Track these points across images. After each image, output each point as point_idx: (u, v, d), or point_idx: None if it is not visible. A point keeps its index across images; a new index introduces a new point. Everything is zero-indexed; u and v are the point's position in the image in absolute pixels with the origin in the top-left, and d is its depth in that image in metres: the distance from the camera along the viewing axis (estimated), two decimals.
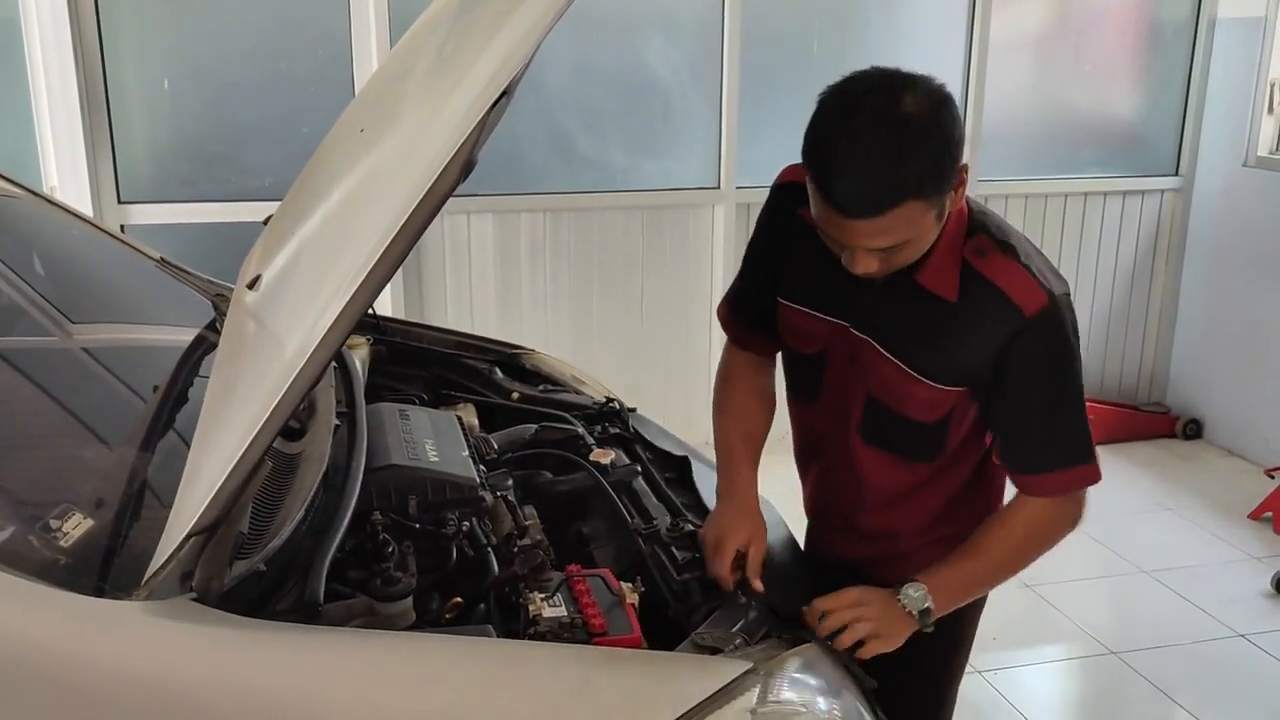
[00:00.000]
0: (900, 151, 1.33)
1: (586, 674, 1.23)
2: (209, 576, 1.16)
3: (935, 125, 1.34)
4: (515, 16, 1.18)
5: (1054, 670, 3.11)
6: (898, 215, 1.34)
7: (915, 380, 1.52)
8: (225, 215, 3.66)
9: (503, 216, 4.01)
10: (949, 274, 1.47)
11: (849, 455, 1.66)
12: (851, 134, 1.35)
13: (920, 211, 1.36)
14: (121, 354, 1.99)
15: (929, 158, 1.34)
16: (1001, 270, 1.46)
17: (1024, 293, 1.44)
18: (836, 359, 1.62)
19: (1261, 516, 3.86)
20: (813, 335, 1.63)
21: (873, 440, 1.62)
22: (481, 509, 1.61)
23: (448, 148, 1.12)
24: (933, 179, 1.35)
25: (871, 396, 1.59)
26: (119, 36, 3.56)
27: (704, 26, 4.03)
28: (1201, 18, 4.48)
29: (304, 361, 1.16)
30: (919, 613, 1.48)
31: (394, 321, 2.41)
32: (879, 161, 1.33)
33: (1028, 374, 1.47)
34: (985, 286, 1.46)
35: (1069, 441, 1.53)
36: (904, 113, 1.34)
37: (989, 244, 1.47)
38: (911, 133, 1.33)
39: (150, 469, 1.49)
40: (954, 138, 1.36)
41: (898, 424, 1.58)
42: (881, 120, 1.34)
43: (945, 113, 1.36)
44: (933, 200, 1.36)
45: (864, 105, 1.36)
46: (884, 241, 1.38)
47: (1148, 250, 4.72)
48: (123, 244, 2.27)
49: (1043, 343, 1.46)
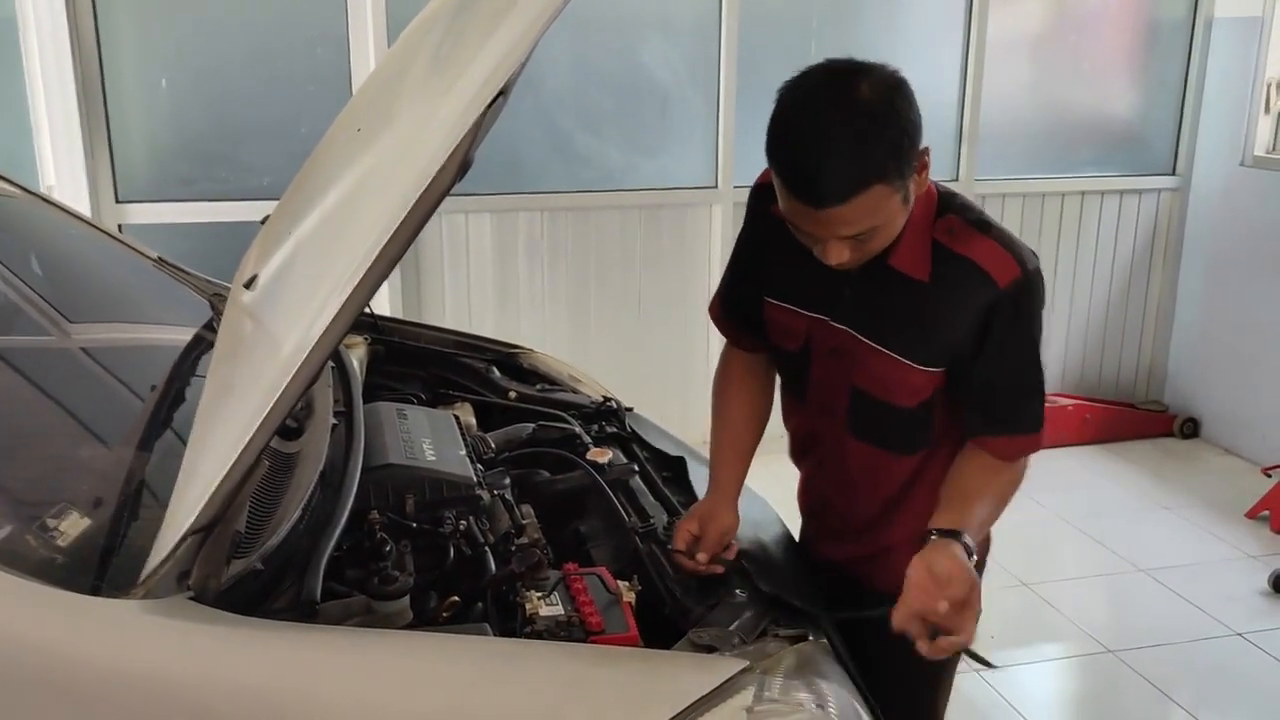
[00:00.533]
0: (860, 138, 1.34)
1: (583, 672, 1.23)
2: (206, 575, 1.16)
3: (892, 110, 1.36)
4: (512, 16, 1.18)
5: (1052, 669, 3.11)
6: (864, 201, 1.36)
7: (898, 363, 1.54)
8: (223, 215, 3.67)
9: (500, 216, 4.01)
10: (921, 255, 1.49)
11: (838, 451, 1.67)
12: (811, 125, 1.37)
13: (886, 196, 1.37)
14: (119, 353, 1.99)
15: (889, 142, 1.36)
16: (973, 245, 1.48)
17: (996, 264, 1.47)
18: (819, 354, 1.63)
19: (1258, 515, 3.87)
20: (794, 331, 1.64)
21: (861, 434, 1.63)
22: (479, 508, 1.62)
23: (444, 147, 1.12)
24: (895, 163, 1.36)
25: (856, 389, 1.60)
26: (117, 35, 3.56)
27: (702, 26, 4.03)
28: (1198, 17, 4.49)
29: (301, 361, 1.16)
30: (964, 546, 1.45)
31: (391, 321, 2.41)
32: (840, 149, 1.34)
33: (1000, 341, 1.50)
34: (958, 262, 1.48)
35: (1031, 408, 1.57)
36: (861, 100, 1.36)
37: (958, 223, 1.49)
38: (870, 119, 1.35)
39: (147, 468, 1.49)
40: (911, 121, 1.38)
41: (883, 414, 1.59)
42: (839, 108, 1.36)
43: (901, 98, 1.38)
44: (897, 184, 1.38)
45: (821, 96, 1.38)
46: (853, 229, 1.40)
47: (1145, 249, 4.73)
48: (120, 243, 2.27)
49: (1016, 312, 1.49)
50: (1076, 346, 4.76)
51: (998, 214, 4.45)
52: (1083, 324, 4.74)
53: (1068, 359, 4.76)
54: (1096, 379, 4.82)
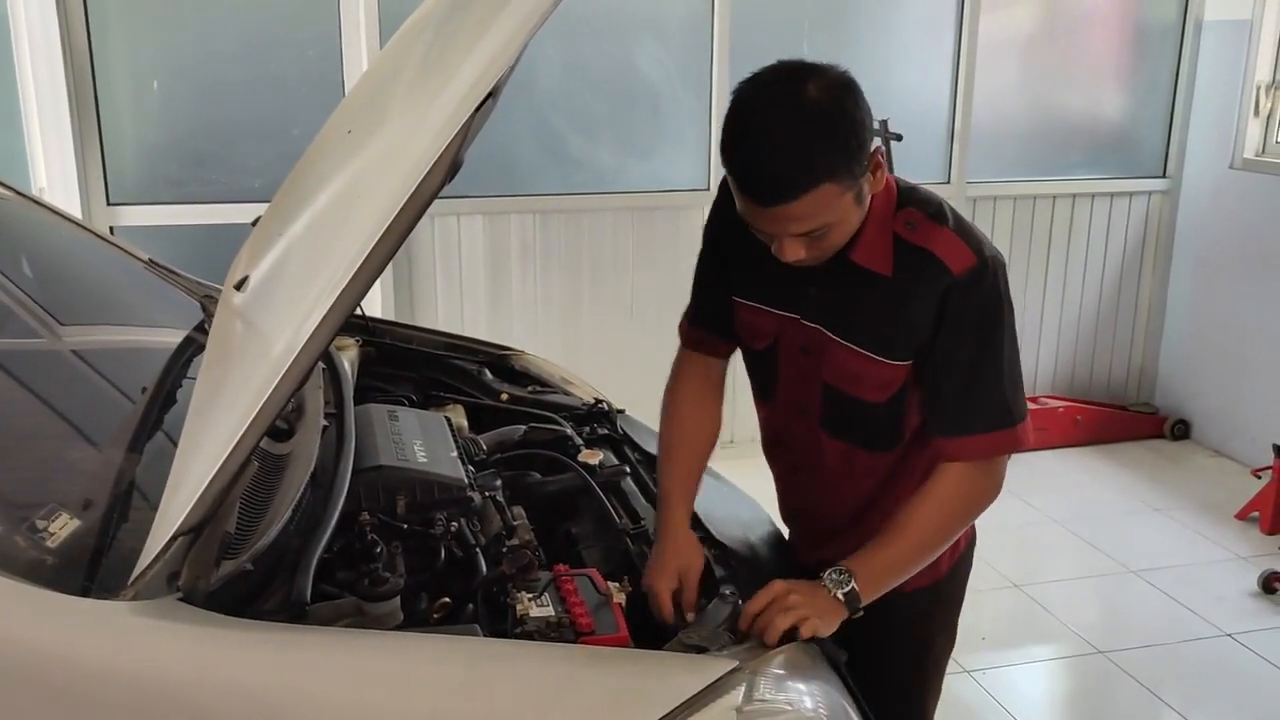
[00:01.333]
0: (808, 137, 1.36)
1: (573, 673, 1.24)
2: (196, 576, 1.16)
3: (840, 110, 1.38)
4: (501, 18, 1.19)
5: (1043, 670, 3.12)
6: (813, 199, 1.38)
7: (866, 359, 1.54)
8: (215, 217, 3.66)
9: (493, 218, 4.01)
10: (882, 249, 1.50)
11: (815, 451, 1.67)
12: (760, 125, 1.39)
13: (836, 194, 1.39)
14: (110, 355, 1.98)
15: (837, 141, 1.37)
16: (931, 236, 1.49)
17: (952, 253, 1.47)
18: (789, 352, 1.63)
19: (1248, 516, 3.89)
20: (763, 331, 1.65)
21: (836, 432, 1.63)
22: (470, 509, 1.62)
23: (434, 149, 1.12)
24: (844, 162, 1.38)
25: (827, 386, 1.60)
26: (108, 37, 3.56)
27: (693, 28, 4.04)
28: (1188, 20, 4.51)
29: (290, 362, 1.16)
30: (844, 596, 1.46)
31: (383, 323, 2.41)
32: (789, 148, 1.37)
33: (955, 331, 1.49)
34: (917, 254, 1.49)
35: (992, 405, 1.52)
36: (809, 100, 1.37)
37: (918, 216, 1.50)
38: (818, 118, 1.37)
39: (138, 470, 1.49)
40: (860, 121, 1.39)
41: (856, 410, 1.59)
42: (788, 108, 1.38)
43: (850, 99, 1.40)
44: (847, 183, 1.40)
45: (770, 96, 1.40)
46: (804, 226, 1.41)
47: (1135, 251, 4.74)
48: (111, 245, 2.27)
49: (970, 300, 1.48)
50: (1067, 348, 4.78)
51: (989, 216, 4.51)
52: (1073, 326, 4.76)
53: (1059, 360, 4.78)
54: (1087, 381, 4.84)
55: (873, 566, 1.49)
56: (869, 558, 1.50)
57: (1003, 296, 1.51)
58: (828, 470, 1.67)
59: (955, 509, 1.54)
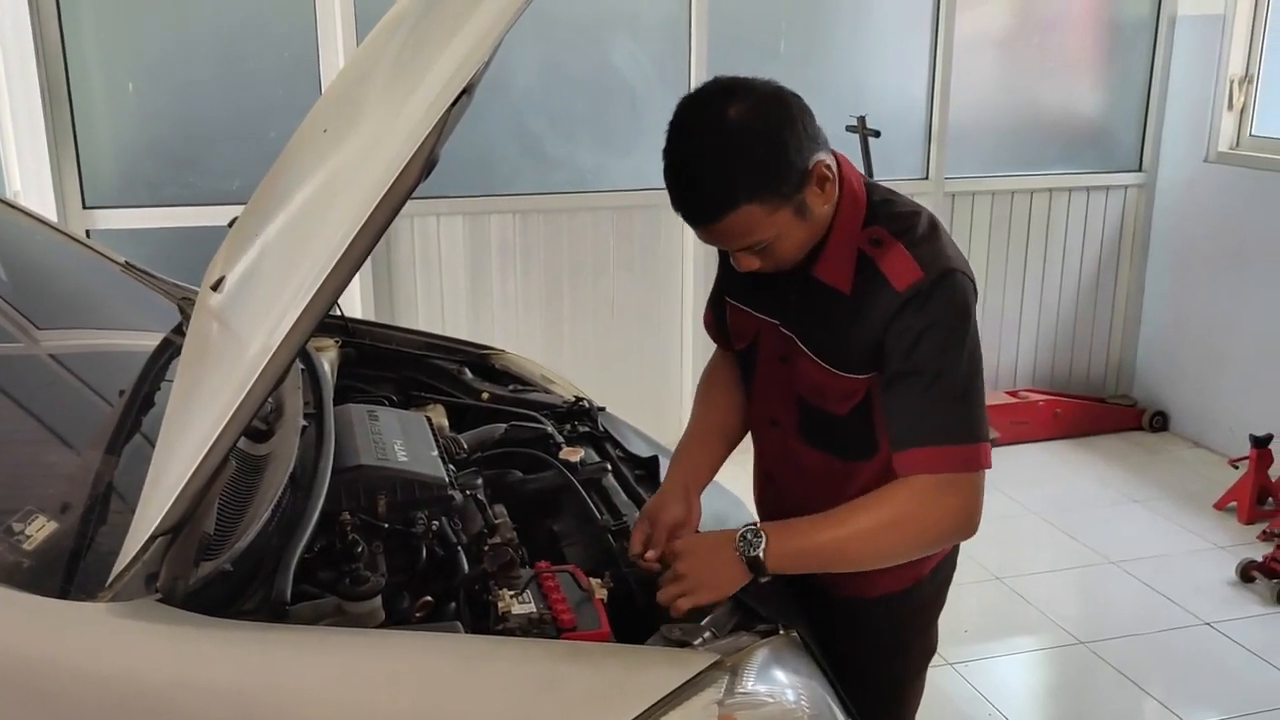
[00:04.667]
0: (726, 160, 1.38)
1: (554, 668, 1.24)
2: (174, 577, 1.15)
3: (759, 131, 1.39)
4: (477, 14, 1.19)
5: (1025, 661, 3.14)
6: (737, 219, 1.40)
7: (827, 371, 1.54)
8: (192, 219, 3.65)
9: (473, 218, 4.01)
10: (844, 266, 1.50)
11: (794, 461, 1.67)
12: (681, 148, 1.42)
13: (763, 213, 1.41)
14: (87, 359, 1.97)
15: (754, 163, 1.39)
16: (886, 253, 1.47)
17: (898, 271, 1.45)
18: (768, 360, 1.64)
19: (1226, 506, 3.92)
20: (745, 332, 1.67)
21: (814, 441, 1.63)
22: (451, 508, 1.62)
23: (409, 146, 1.12)
24: (765, 181, 1.39)
25: (799, 395, 1.61)
26: (82, 39, 3.54)
27: (671, 26, 4.04)
28: (1161, 15, 4.55)
29: (266, 361, 1.16)
30: (748, 560, 1.44)
31: (362, 323, 2.40)
32: (705, 172, 1.40)
33: (901, 348, 1.45)
34: (873, 273, 1.48)
35: (946, 419, 1.45)
36: (728, 122, 1.39)
37: (883, 233, 1.49)
38: (734, 141, 1.38)
39: (115, 472, 1.48)
40: (783, 141, 1.40)
41: (827, 421, 1.59)
42: (705, 132, 1.40)
43: (774, 117, 1.40)
44: (774, 201, 1.41)
45: (691, 119, 1.43)
46: (739, 244, 1.45)
47: (1113, 245, 4.78)
48: (88, 249, 2.26)
49: (916, 317, 1.44)
50: (1046, 342, 4.81)
51: (967, 212, 4.53)
52: (1052, 319, 4.79)
53: (1038, 354, 4.81)
54: (1066, 374, 4.87)
55: (792, 543, 1.46)
56: (792, 533, 1.48)
57: (956, 312, 1.45)
58: (808, 480, 1.66)
59: (902, 522, 1.46)
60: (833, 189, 1.47)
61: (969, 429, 1.45)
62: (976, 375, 1.47)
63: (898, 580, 1.68)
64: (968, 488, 1.45)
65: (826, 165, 1.44)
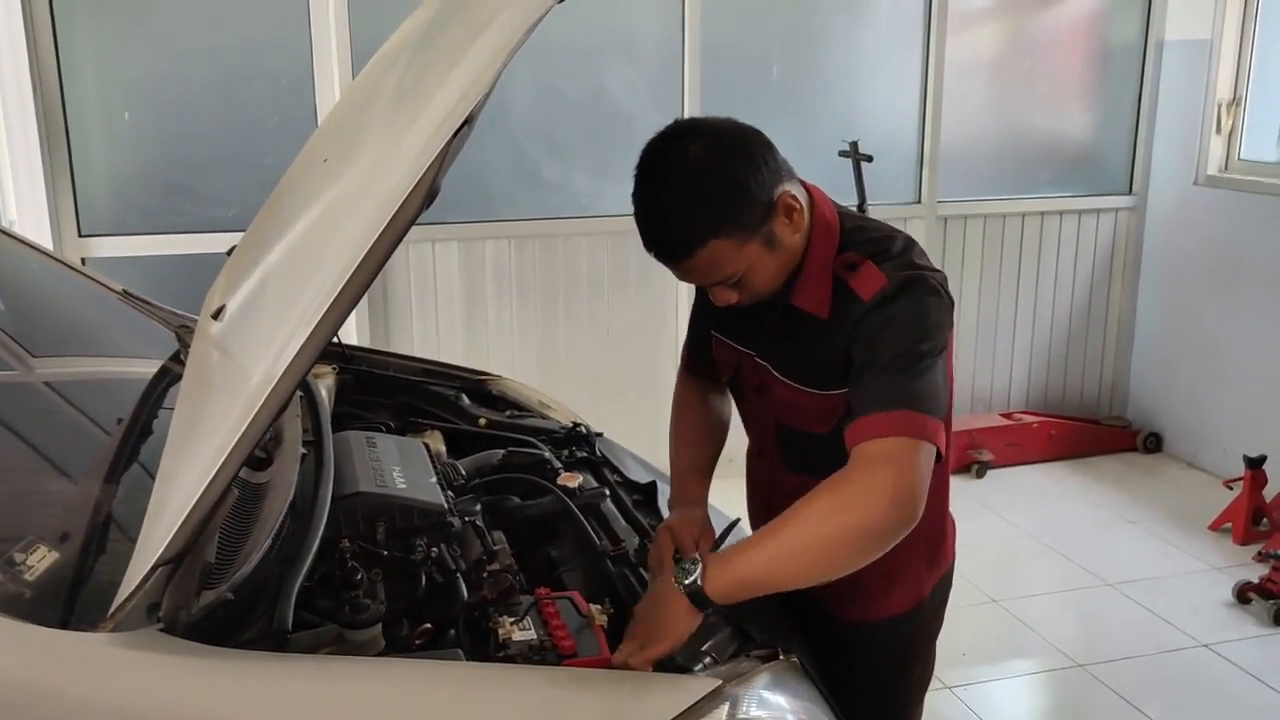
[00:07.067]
0: (688, 198, 1.42)
1: (556, 695, 1.24)
2: (176, 607, 1.15)
3: (720, 169, 1.42)
4: (477, 45, 1.20)
5: (1022, 684, 3.13)
6: (705, 256, 1.43)
7: (804, 392, 1.56)
8: (188, 247, 3.65)
9: (468, 244, 4.02)
10: (821, 292, 1.51)
11: (782, 490, 1.64)
12: (646, 189, 1.45)
13: (731, 248, 1.43)
14: (85, 387, 1.98)
15: (717, 199, 1.41)
16: (858, 274, 1.49)
17: (867, 284, 1.47)
18: (747, 390, 1.66)
19: (1221, 527, 3.93)
20: (727, 364, 1.69)
21: (796, 467, 1.64)
22: (450, 534, 1.62)
23: (411, 176, 1.13)
24: (730, 217, 1.42)
25: (780, 424, 1.63)
26: (78, 68, 3.55)
27: (664, 52, 4.08)
28: (1150, 40, 4.60)
29: (269, 391, 1.17)
30: (686, 590, 1.37)
31: (359, 350, 2.41)
32: (669, 212, 1.43)
33: (865, 342, 1.46)
34: (845, 292, 1.50)
35: (896, 388, 1.40)
36: (688, 161, 1.42)
37: (857, 258, 1.51)
38: (696, 180, 1.42)
39: (115, 501, 1.48)
40: (742, 178, 1.42)
41: (810, 444, 1.60)
42: (670, 172, 1.43)
43: (734, 153, 1.43)
44: (741, 236, 1.43)
45: (655, 161, 1.46)
46: (710, 279, 1.48)
47: (1104, 268, 4.81)
48: (84, 276, 2.26)
49: (880, 315, 1.45)
50: (1040, 364, 4.83)
51: (960, 235, 4.56)
52: (1045, 342, 4.81)
53: (1032, 376, 4.83)
54: (1060, 396, 4.89)
55: (730, 566, 1.39)
56: (729, 556, 1.42)
57: (919, 310, 1.45)
58: None
59: (837, 509, 1.36)
60: (801, 218, 1.49)
61: (919, 399, 1.39)
62: (936, 363, 1.43)
63: (900, 603, 1.68)
64: (904, 458, 1.36)
65: (792, 195, 1.47)
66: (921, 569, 1.68)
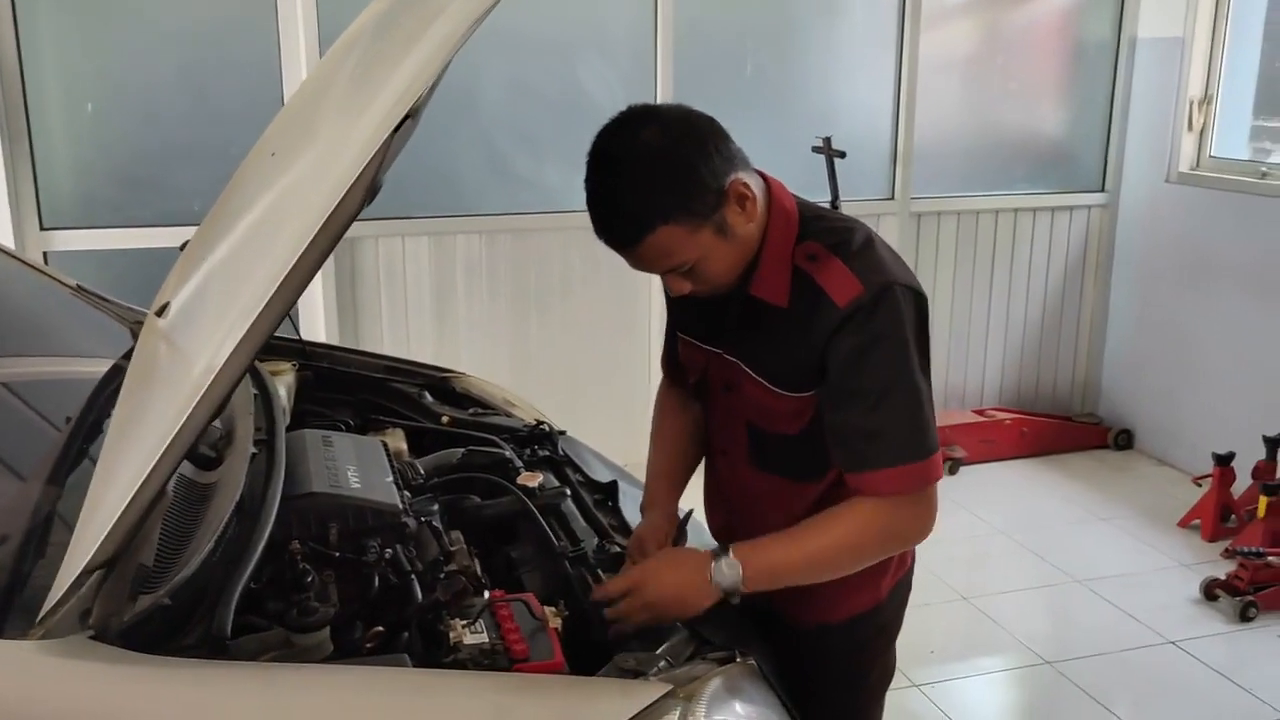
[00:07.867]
0: (635, 185, 1.40)
1: (503, 701, 1.21)
2: (108, 613, 1.12)
3: (671, 153, 1.40)
4: (423, 40, 1.18)
5: (990, 681, 3.13)
6: (655, 242, 1.41)
7: (773, 393, 1.54)
8: (152, 240, 3.60)
9: (438, 239, 3.99)
10: (779, 281, 1.50)
11: (746, 488, 1.67)
12: (596, 174, 1.44)
13: (682, 234, 1.41)
14: (34, 387, 1.93)
15: (667, 185, 1.40)
16: (824, 269, 1.47)
17: (839, 287, 1.45)
18: (715, 390, 1.64)
19: (1190, 524, 3.95)
20: (695, 364, 1.67)
21: (764, 466, 1.62)
22: (405, 535, 1.59)
23: (351, 171, 1.11)
24: (679, 203, 1.40)
25: (749, 423, 1.61)
26: (40, 59, 3.49)
27: (637, 46, 4.05)
28: (1122, 38, 4.61)
29: (209, 383, 1.14)
30: (725, 589, 1.46)
31: (321, 346, 2.37)
32: (619, 197, 1.42)
33: (846, 366, 1.45)
34: (810, 287, 1.48)
35: (898, 438, 1.45)
36: (639, 146, 1.41)
37: (818, 248, 1.49)
38: (645, 165, 1.40)
39: (58, 503, 1.44)
40: (693, 163, 1.41)
41: (778, 444, 1.59)
42: (618, 158, 1.42)
43: (684, 139, 1.42)
44: (692, 222, 1.41)
45: (606, 146, 1.44)
46: (662, 266, 1.46)
47: (1077, 264, 4.82)
48: (37, 271, 2.21)
49: (859, 333, 1.44)
50: (1013, 361, 4.84)
51: (933, 231, 4.55)
52: (1018, 339, 4.82)
53: (1004, 373, 4.83)
54: (1033, 393, 4.90)
55: (768, 567, 1.48)
56: (765, 555, 1.49)
57: (900, 326, 1.45)
58: (762, 505, 1.65)
59: (866, 540, 1.50)
60: (754, 207, 1.47)
61: (921, 445, 1.46)
62: (922, 388, 1.47)
63: (857, 604, 1.66)
64: (924, 499, 1.49)
65: (744, 184, 1.45)
66: (880, 571, 1.66)
